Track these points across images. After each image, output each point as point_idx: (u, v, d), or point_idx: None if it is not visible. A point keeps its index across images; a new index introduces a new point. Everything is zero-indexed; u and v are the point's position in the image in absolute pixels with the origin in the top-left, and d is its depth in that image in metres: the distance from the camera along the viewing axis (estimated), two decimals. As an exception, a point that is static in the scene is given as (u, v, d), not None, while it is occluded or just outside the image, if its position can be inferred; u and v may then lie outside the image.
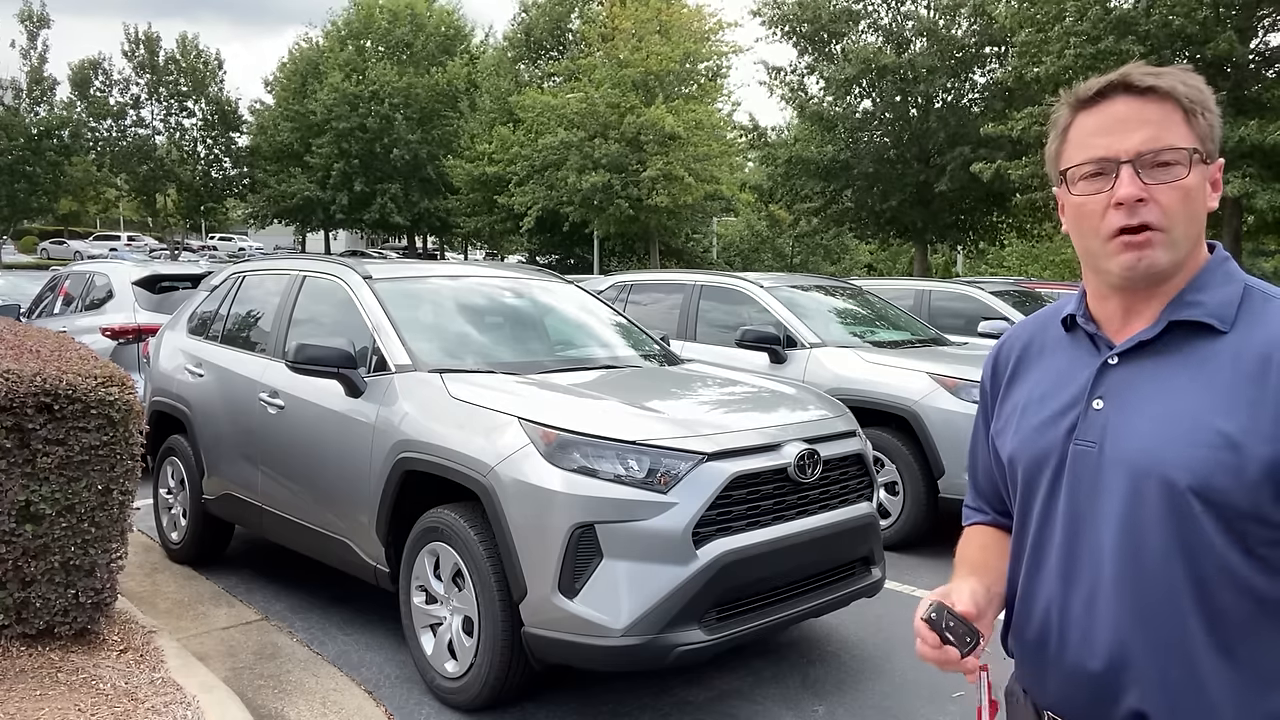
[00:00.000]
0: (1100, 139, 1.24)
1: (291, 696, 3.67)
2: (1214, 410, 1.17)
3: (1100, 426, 1.25)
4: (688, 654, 3.20)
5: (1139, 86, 1.23)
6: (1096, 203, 1.24)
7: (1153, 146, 1.21)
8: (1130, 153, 1.21)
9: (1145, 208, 1.20)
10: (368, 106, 38.65)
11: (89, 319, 8.31)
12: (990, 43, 19.72)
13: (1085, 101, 1.27)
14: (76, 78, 40.15)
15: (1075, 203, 1.27)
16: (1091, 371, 1.29)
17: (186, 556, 5.27)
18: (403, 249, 50.96)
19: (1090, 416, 1.27)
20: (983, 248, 26.26)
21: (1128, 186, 1.20)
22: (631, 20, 25.66)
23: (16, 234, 46.79)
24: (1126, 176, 1.21)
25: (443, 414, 3.66)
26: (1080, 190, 1.26)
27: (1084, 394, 1.29)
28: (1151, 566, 1.19)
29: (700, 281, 7.66)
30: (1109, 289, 1.30)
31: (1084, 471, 1.26)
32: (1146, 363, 1.25)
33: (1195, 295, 1.25)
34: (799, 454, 3.54)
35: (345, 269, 4.66)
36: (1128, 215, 1.21)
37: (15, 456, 3.38)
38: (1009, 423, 1.40)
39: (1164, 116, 1.22)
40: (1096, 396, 1.27)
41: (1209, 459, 1.15)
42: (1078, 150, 1.27)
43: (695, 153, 24.56)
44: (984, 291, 9.80)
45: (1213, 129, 1.24)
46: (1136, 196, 1.20)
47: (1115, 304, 1.30)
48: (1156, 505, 1.18)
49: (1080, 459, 1.27)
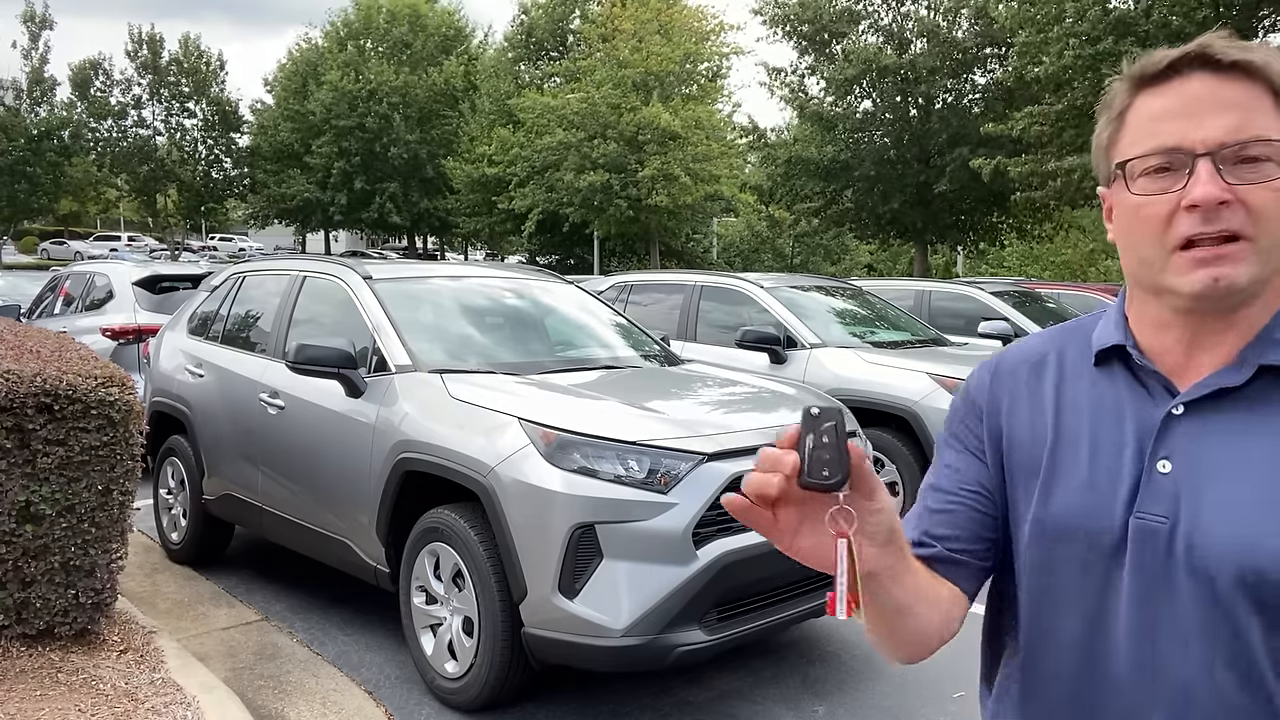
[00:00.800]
0: (1170, 124, 0.97)
1: (291, 696, 3.67)
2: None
3: (1171, 497, 0.98)
4: (688, 654, 3.20)
5: (1222, 61, 0.96)
6: (1162, 205, 0.97)
7: (1239, 137, 0.94)
8: (1211, 143, 0.95)
9: (1228, 211, 0.94)
10: (366, 105, 38.68)
11: (89, 319, 8.31)
12: (991, 43, 19.73)
13: (1151, 78, 1.00)
14: (77, 78, 40.17)
15: (1133, 204, 1.00)
16: (1150, 423, 1.01)
17: (186, 557, 5.27)
18: (403, 249, 50.96)
19: (1156, 482, 0.99)
20: (983, 248, 26.27)
21: (1206, 185, 0.94)
22: (632, 20, 25.67)
23: (17, 234, 46.80)
24: (1205, 173, 0.94)
25: (443, 414, 3.66)
26: (1141, 188, 0.99)
27: (1143, 451, 1.01)
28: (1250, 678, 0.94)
29: (700, 282, 7.66)
30: (1170, 313, 1.02)
31: (1153, 553, 0.98)
32: (1224, 417, 0.98)
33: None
34: (799, 454, 3.53)
35: (345, 269, 4.66)
36: (1204, 221, 0.95)
37: (15, 457, 3.38)
38: (1026, 478, 1.10)
39: (1251, 100, 0.96)
40: (1161, 457, 0.99)
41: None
42: (1140, 138, 1.00)
43: (694, 153, 24.58)
44: (984, 292, 9.81)
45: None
46: (1218, 198, 0.94)
47: (1176, 335, 1.02)
48: (1257, 609, 0.93)
49: (1147, 537, 0.98)
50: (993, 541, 1.12)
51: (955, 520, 1.13)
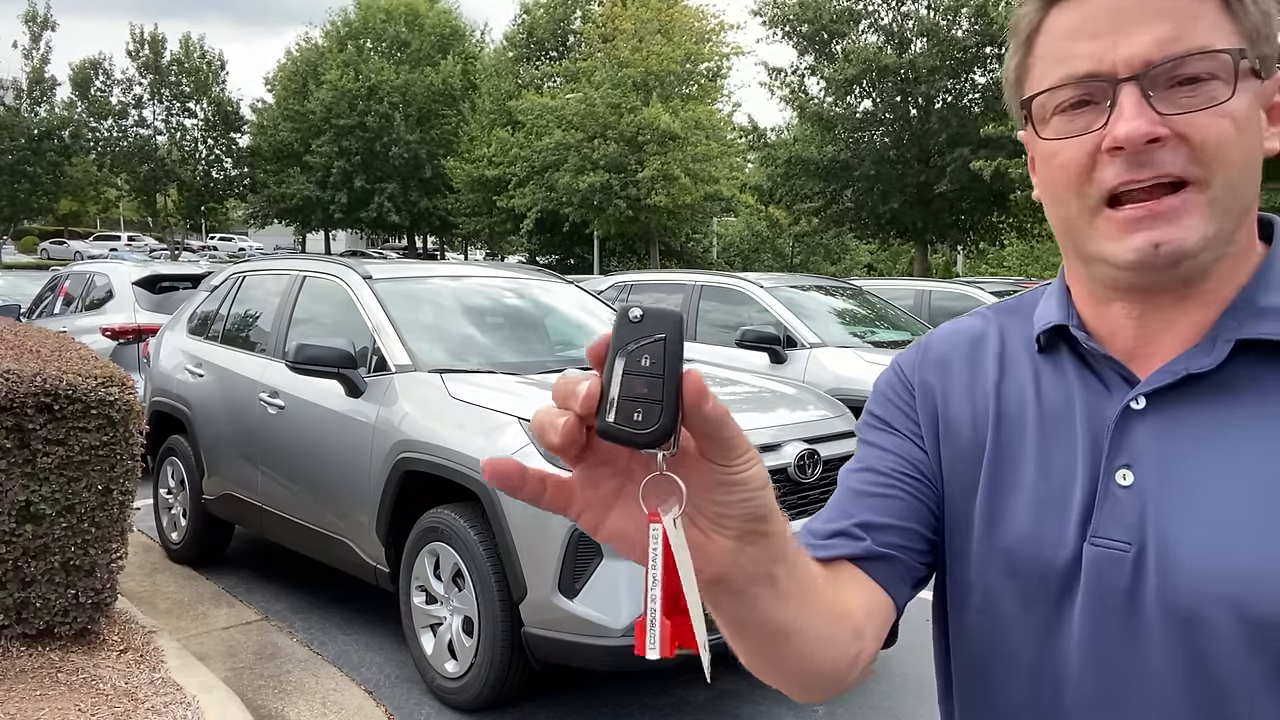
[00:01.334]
0: (1085, 44, 0.74)
1: (291, 696, 3.67)
2: None
3: (1135, 516, 0.76)
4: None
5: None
6: (1080, 149, 0.75)
7: (1171, 51, 0.71)
8: (1135, 63, 0.72)
9: (1162, 151, 0.72)
10: (366, 104, 38.72)
11: (89, 319, 8.31)
12: (991, 43, 19.74)
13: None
14: (77, 78, 40.19)
15: (1046, 152, 0.78)
16: (1106, 421, 0.78)
17: (186, 556, 5.27)
18: (403, 249, 50.99)
19: (1114, 498, 0.77)
20: (983, 248, 26.28)
21: (1131, 119, 0.71)
22: (632, 20, 25.68)
23: (17, 234, 46.81)
24: (1129, 103, 0.72)
25: (443, 414, 3.66)
26: (1054, 130, 0.77)
27: (1097, 460, 0.78)
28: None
29: (700, 282, 7.67)
30: (1114, 291, 0.80)
31: (1113, 586, 0.76)
32: (1196, 409, 0.76)
33: (1270, 297, 0.77)
34: (799, 454, 3.54)
35: (345, 269, 4.66)
36: (1132, 167, 0.72)
37: (15, 456, 3.38)
38: (962, 484, 0.87)
39: (1188, 2, 0.73)
40: (1121, 464, 0.77)
41: None
42: (1050, 66, 0.77)
43: (694, 153, 24.59)
44: (984, 291, 9.81)
45: (1269, 22, 0.75)
46: (1147, 134, 0.71)
47: (1124, 310, 0.80)
48: (1244, 655, 0.71)
49: (1105, 567, 0.77)
50: (934, 541, 0.88)
51: (891, 508, 0.87)
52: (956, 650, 0.89)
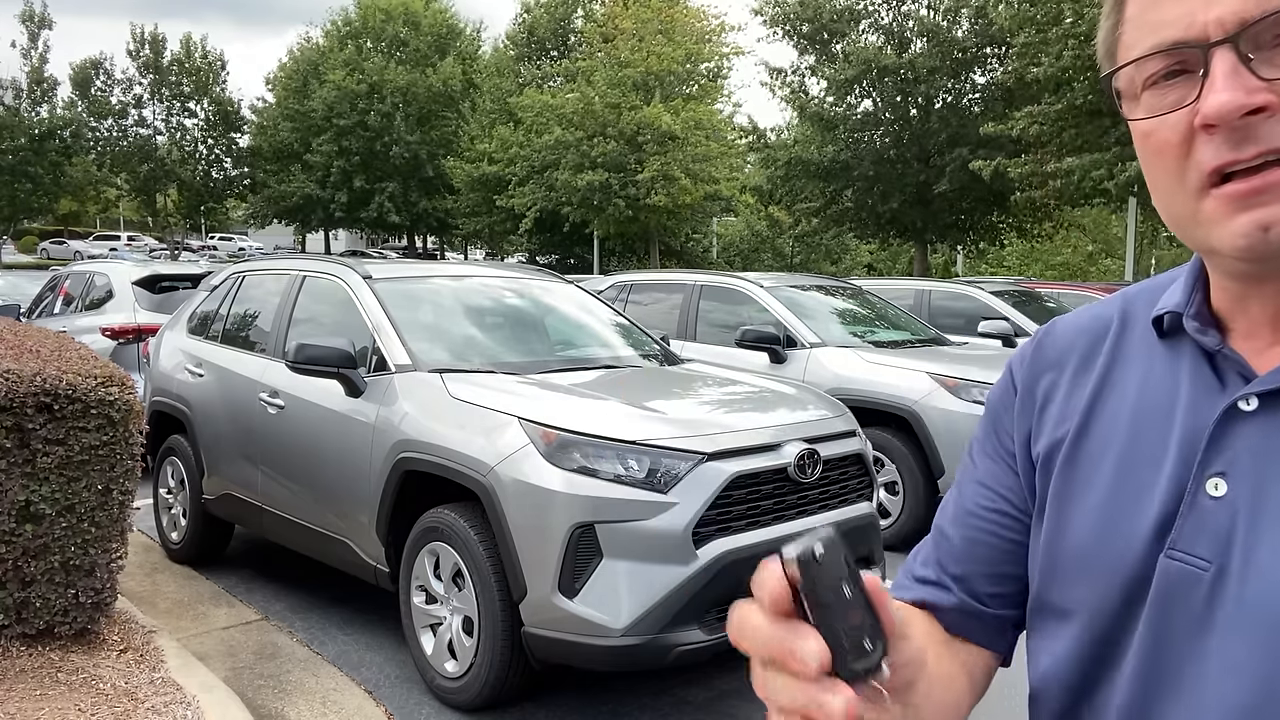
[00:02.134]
0: (1174, 6, 0.65)
1: (291, 696, 3.67)
2: None
3: (1222, 533, 0.66)
4: (688, 654, 3.20)
5: None
6: (1174, 129, 0.66)
7: (1271, 5, 0.61)
8: (1229, 23, 0.63)
9: (1270, 122, 0.62)
10: (368, 103, 38.74)
11: (89, 319, 8.31)
12: (990, 43, 19.74)
13: None
14: (78, 78, 40.18)
15: (1140, 132, 0.69)
16: (1206, 421, 0.69)
17: (186, 556, 5.27)
18: (403, 249, 50.99)
19: (1202, 509, 0.68)
20: (983, 248, 26.29)
21: (1225, 90, 0.62)
22: (633, 20, 25.68)
23: (16, 234, 46.80)
24: (1223, 70, 0.63)
25: (443, 414, 3.66)
26: (1147, 107, 0.68)
27: (1190, 462, 0.69)
28: None
29: (700, 281, 7.67)
30: (1239, 282, 0.70)
31: (1185, 608, 0.67)
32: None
33: None
34: (799, 454, 3.54)
35: (345, 269, 4.66)
36: (1232, 144, 0.63)
37: (15, 456, 3.38)
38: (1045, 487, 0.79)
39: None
40: (1214, 472, 0.67)
41: None
42: (1138, 33, 0.68)
43: (694, 153, 24.59)
44: (984, 291, 9.81)
45: None
46: (1244, 106, 0.62)
47: (1259, 305, 0.70)
48: None
49: (1179, 585, 0.68)
50: (1020, 579, 0.82)
51: (968, 554, 0.84)
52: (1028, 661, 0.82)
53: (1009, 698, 1.10)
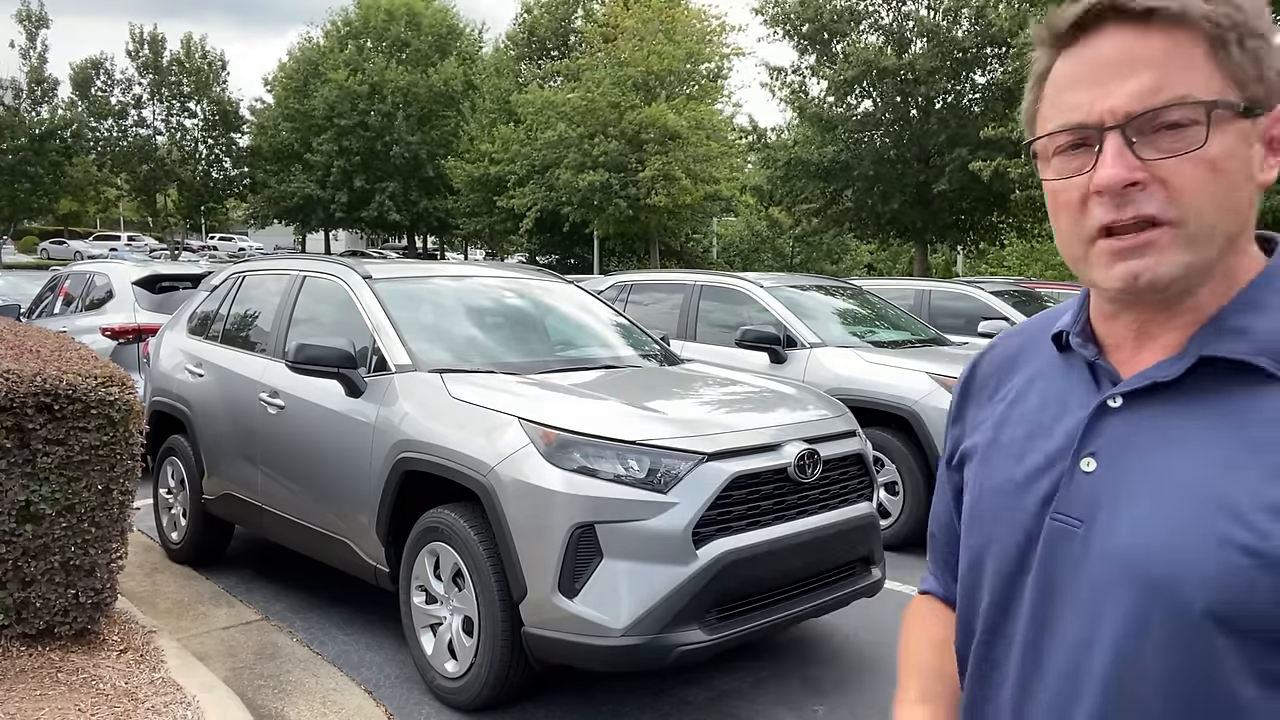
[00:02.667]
0: (1078, 94, 0.84)
1: (291, 696, 3.67)
2: (1256, 498, 0.78)
3: (1090, 499, 0.87)
4: (688, 654, 3.20)
5: (1134, 9, 0.81)
6: (1075, 189, 0.85)
7: (1151, 103, 0.80)
8: (1118, 113, 0.81)
9: (1143, 194, 0.81)
10: (369, 103, 38.75)
11: (89, 319, 8.31)
12: (990, 43, 19.74)
13: (1062, 36, 0.86)
14: (77, 78, 40.18)
15: (1049, 189, 0.89)
16: (1083, 415, 0.90)
17: (186, 556, 5.27)
18: (403, 249, 50.99)
19: (1077, 481, 0.88)
20: (983, 248, 26.27)
21: (1111, 166, 0.81)
22: (634, 20, 25.67)
23: (16, 234, 46.82)
24: (1111, 151, 0.81)
25: (443, 414, 3.66)
26: (1054, 171, 0.87)
27: (1070, 447, 0.90)
28: (1140, 708, 0.82)
29: (700, 281, 7.66)
30: (1114, 305, 0.91)
31: (1062, 558, 0.88)
32: (1162, 411, 0.86)
33: (1241, 319, 0.85)
34: (799, 454, 3.54)
35: (345, 269, 4.66)
36: (1113, 208, 0.82)
37: (15, 456, 3.38)
38: (969, 472, 1.03)
39: (1173, 53, 0.81)
40: (1087, 453, 0.88)
41: (1243, 571, 0.77)
42: (1051, 111, 0.87)
43: (695, 153, 24.57)
44: (984, 291, 9.81)
45: (1260, 64, 0.82)
46: (1124, 180, 0.81)
47: (1125, 322, 0.91)
48: (1154, 623, 0.81)
49: (1059, 541, 0.89)
50: None
51: (947, 552, 1.13)
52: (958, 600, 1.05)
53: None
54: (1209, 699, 0.80)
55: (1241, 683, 0.79)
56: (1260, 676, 0.78)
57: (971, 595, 1.00)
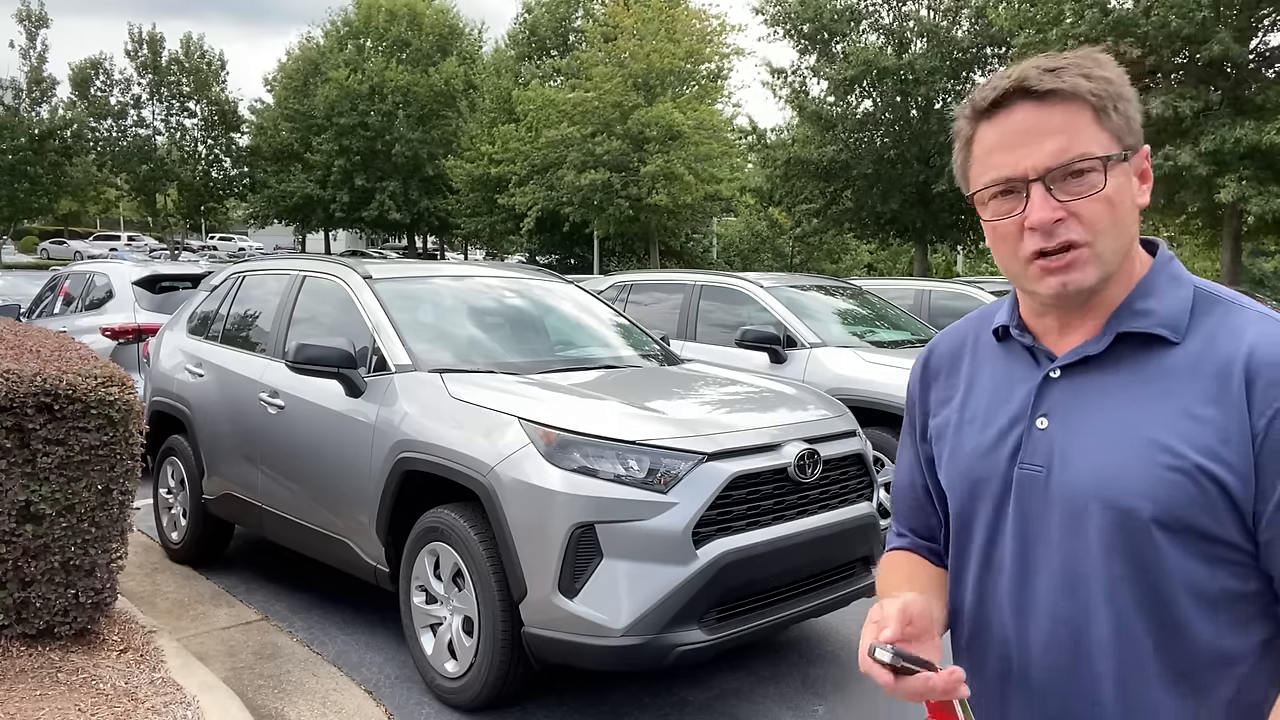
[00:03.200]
0: (1004, 155, 1.12)
1: (291, 696, 3.67)
2: (1172, 431, 1.07)
3: (1047, 449, 1.15)
4: (688, 654, 3.20)
5: (1038, 91, 1.10)
6: (1010, 225, 1.13)
7: (1062, 159, 1.09)
8: (1039, 169, 1.09)
9: (1063, 226, 1.09)
10: (369, 102, 38.73)
11: (89, 319, 8.31)
12: (990, 44, 19.74)
13: (983, 111, 1.14)
14: (77, 78, 40.17)
15: (988, 225, 1.17)
16: (1032, 386, 1.18)
17: (186, 556, 5.27)
18: (402, 249, 50.96)
19: (1035, 437, 1.16)
20: (983, 248, 26.23)
21: (1039, 211, 1.09)
22: (634, 19, 25.66)
23: (17, 234, 46.80)
24: (1038, 198, 1.09)
25: (443, 414, 3.66)
26: (992, 212, 1.15)
27: (1025, 412, 1.18)
28: (1109, 596, 1.11)
29: (700, 281, 7.66)
30: (1044, 306, 1.19)
31: (1032, 498, 1.16)
32: (1093, 377, 1.15)
33: (1144, 302, 1.14)
34: (799, 454, 3.54)
35: (345, 269, 4.66)
36: (1044, 239, 1.10)
37: (15, 456, 3.38)
38: (943, 444, 1.29)
39: (1071, 120, 1.09)
40: (1040, 414, 1.17)
41: (1172, 484, 1.06)
42: (982, 169, 1.15)
43: (697, 152, 24.56)
44: (984, 291, 9.80)
45: (1129, 120, 1.12)
46: (1051, 219, 1.09)
47: (1051, 318, 1.20)
48: (1112, 532, 1.09)
49: (1027, 485, 1.16)
50: (945, 522, 1.33)
51: (913, 513, 1.40)
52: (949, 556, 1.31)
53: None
54: (1155, 586, 1.08)
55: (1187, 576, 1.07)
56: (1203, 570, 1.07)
57: (962, 537, 1.26)
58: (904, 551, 1.40)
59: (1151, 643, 1.09)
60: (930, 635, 1.14)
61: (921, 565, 1.36)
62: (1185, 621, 1.08)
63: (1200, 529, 1.06)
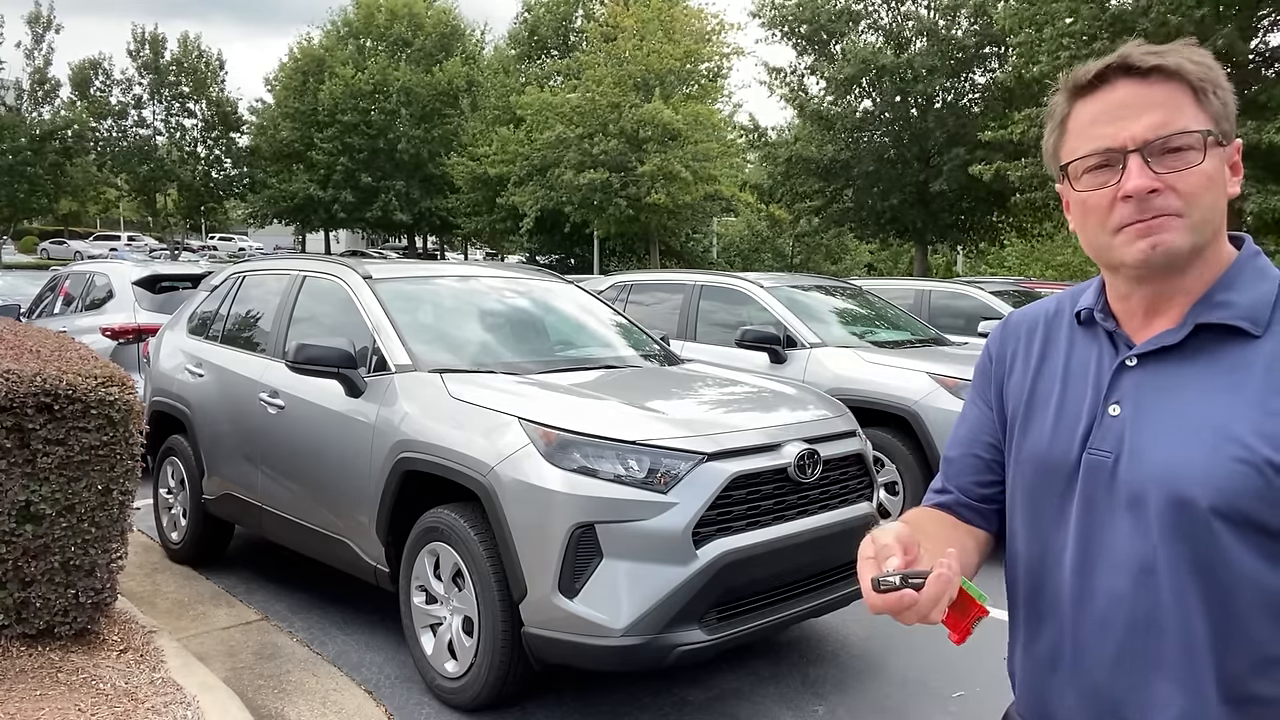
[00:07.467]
0: (1103, 128, 1.13)
1: (291, 696, 3.67)
2: (1244, 423, 1.06)
3: (1117, 435, 1.15)
4: (688, 654, 3.20)
5: (1141, 68, 1.12)
6: (1103, 197, 1.13)
7: (1162, 132, 1.10)
8: (1137, 140, 1.11)
9: (1159, 197, 1.10)
10: (371, 100, 38.69)
11: (89, 319, 8.31)
12: (990, 42, 19.73)
13: (1083, 88, 1.16)
14: (77, 78, 40.16)
15: (1079, 199, 1.17)
16: (1108, 373, 1.19)
17: (186, 556, 5.27)
18: (403, 249, 50.95)
19: (1106, 423, 1.17)
20: (983, 248, 26.26)
21: (1137, 178, 1.10)
22: (634, 19, 25.66)
23: (16, 234, 46.80)
24: (1135, 167, 1.10)
25: (443, 414, 3.66)
26: (1085, 185, 1.16)
27: (1099, 398, 1.18)
28: (1169, 585, 1.10)
29: (700, 281, 7.66)
30: (1128, 285, 1.19)
31: (1099, 483, 1.16)
32: (1169, 367, 1.14)
33: (1225, 294, 1.14)
34: (799, 454, 3.54)
35: (345, 269, 4.66)
36: (1138, 209, 1.11)
37: (15, 456, 3.38)
38: (1014, 420, 1.30)
39: (1171, 98, 1.11)
40: (1113, 401, 1.17)
41: (1236, 476, 1.05)
42: (1079, 141, 1.16)
43: (695, 151, 24.56)
44: (984, 291, 9.81)
45: (1226, 108, 1.14)
46: (1148, 188, 1.09)
47: (1137, 301, 1.19)
48: (1173, 521, 1.09)
49: (1095, 470, 1.16)
50: (998, 484, 1.34)
51: (963, 469, 1.38)
52: (1008, 534, 1.32)
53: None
54: (1218, 585, 1.08)
55: (1252, 571, 1.06)
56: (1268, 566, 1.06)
57: (1025, 515, 1.27)
58: (937, 511, 1.38)
59: (1208, 637, 1.08)
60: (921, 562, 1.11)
61: (950, 524, 1.35)
62: (1244, 618, 1.07)
63: (1265, 525, 1.05)
